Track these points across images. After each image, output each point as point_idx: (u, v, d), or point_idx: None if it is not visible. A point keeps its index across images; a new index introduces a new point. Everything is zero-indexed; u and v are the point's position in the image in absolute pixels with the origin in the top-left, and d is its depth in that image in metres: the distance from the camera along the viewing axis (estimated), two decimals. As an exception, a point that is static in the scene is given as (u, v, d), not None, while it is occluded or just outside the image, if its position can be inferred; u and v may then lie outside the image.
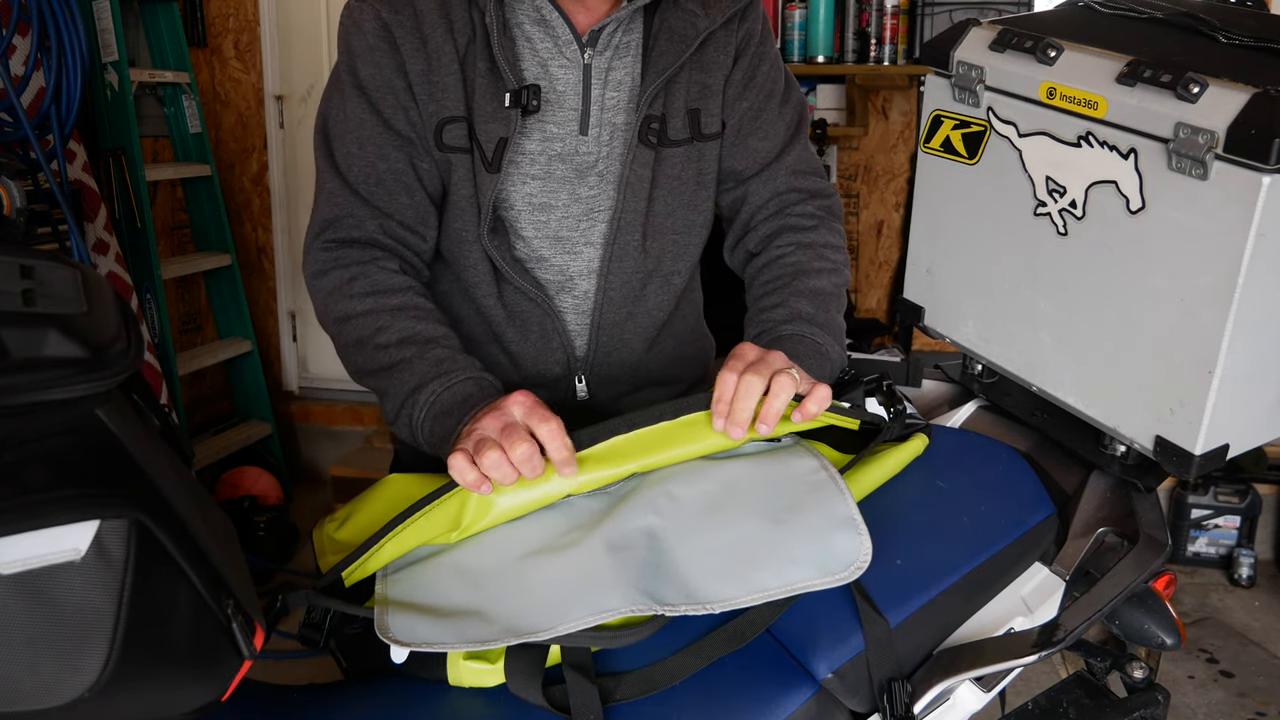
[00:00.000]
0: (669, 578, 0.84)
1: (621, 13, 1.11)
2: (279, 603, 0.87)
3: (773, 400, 0.90)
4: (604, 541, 0.88)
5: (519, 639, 0.79)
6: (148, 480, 0.65)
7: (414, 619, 0.83)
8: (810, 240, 1.19)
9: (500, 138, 1.09)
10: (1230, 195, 0.85)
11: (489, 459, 0.85)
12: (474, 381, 1.01)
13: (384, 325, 1.06)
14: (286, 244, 3.70)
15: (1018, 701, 1.01)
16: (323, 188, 1.12)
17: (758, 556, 0.84)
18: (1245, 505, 3.05)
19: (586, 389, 1.22)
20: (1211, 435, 0.93)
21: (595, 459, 0.92)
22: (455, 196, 1.13)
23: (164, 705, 0.68)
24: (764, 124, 1.21)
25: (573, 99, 1.13)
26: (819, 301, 1.14)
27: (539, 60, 1.12)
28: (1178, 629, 1.03)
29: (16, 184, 2.15)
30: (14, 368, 0.61)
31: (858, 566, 0.82)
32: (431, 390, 1.00)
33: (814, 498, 0.89)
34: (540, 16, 1.11)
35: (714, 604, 0.81)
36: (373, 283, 1.08)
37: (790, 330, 1.09)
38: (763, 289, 1.18)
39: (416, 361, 1.03)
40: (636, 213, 1.16)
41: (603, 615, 0.81)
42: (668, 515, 0.89)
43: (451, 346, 1.06)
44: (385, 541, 0.89)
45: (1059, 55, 1.00)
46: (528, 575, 0.87)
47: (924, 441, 1.05)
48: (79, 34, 2.67)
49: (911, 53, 3.11)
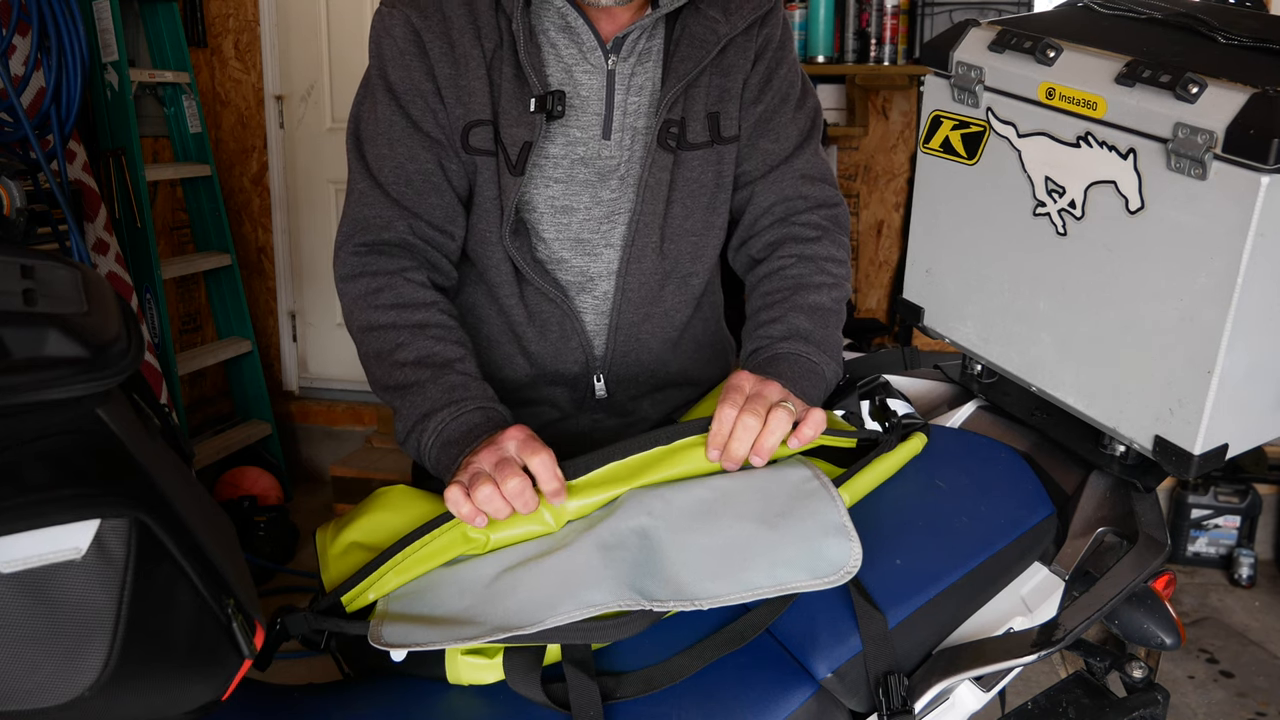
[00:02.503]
0: (659, 575, 0.84)
1: (645, 20, 1.13)
2: (278, 624, 0.88)
3: (767, 437, 0.93)
4: (596, 541, 0.89)
5: (508, 634, 0.80)
6: (148, 480, 0.65)
7: (408, 626, 0.84)
8: (812, 253, 1.20)
9: (525, 141, 1.12)
10: (1229, 195, 0.85)
11: (482, 493, 0.89)
12: (482, 412, 1.03)
13: (404, 342, 1.08)
14: (286, 244, 3.70)
15: (1017, 701, 1.01)
16: (354, 188, 1.15)
17: (749, 557, 0.85)
18: (1245, 505, 3.05)
19: (605, 388, 1.24)
20: (1211, 435, 0.93)
21: (591, 485, 0.94)
22: (480, 198, 1.16)
23: (164, 704, 0.68)
24: (776, 126, 1.22)
25: (596, 104, 1.15)
26: (817, 318, 1.15)
27: (564, 66, 1.14)
28: (1177, 629, 1.03)
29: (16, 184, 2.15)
30: (14, 367, 0.61)
31: (847, 571, 0.83)
32: (440, 419, 1.02)
33: (806, 505, 0.90)
34: (566, 24, 1.13)
35: (703, 600, 0.81)
36: (398, 295, 1.10)
37: (786, 349, 1.11)
38: (762, 300, 1.19)
39: (430, 386, 1.05)
40: (654, 215, 1.17)
41: (590, 610, 0.81)
42: (660, 516, 0.90)
43: (466, 372, 1.08)
44: (387, 570, 0.90)
45: (1058, 56, 1.00)
46: (519, 577, 0.88)
47: (922, 440, 1.06)
48: (79, 34, 2.68)
49: (911, 53, 3.11)
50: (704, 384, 1.31)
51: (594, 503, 0.94)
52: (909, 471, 1.03)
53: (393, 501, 0.99)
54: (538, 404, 1.25)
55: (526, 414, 1.23)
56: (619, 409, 1.26)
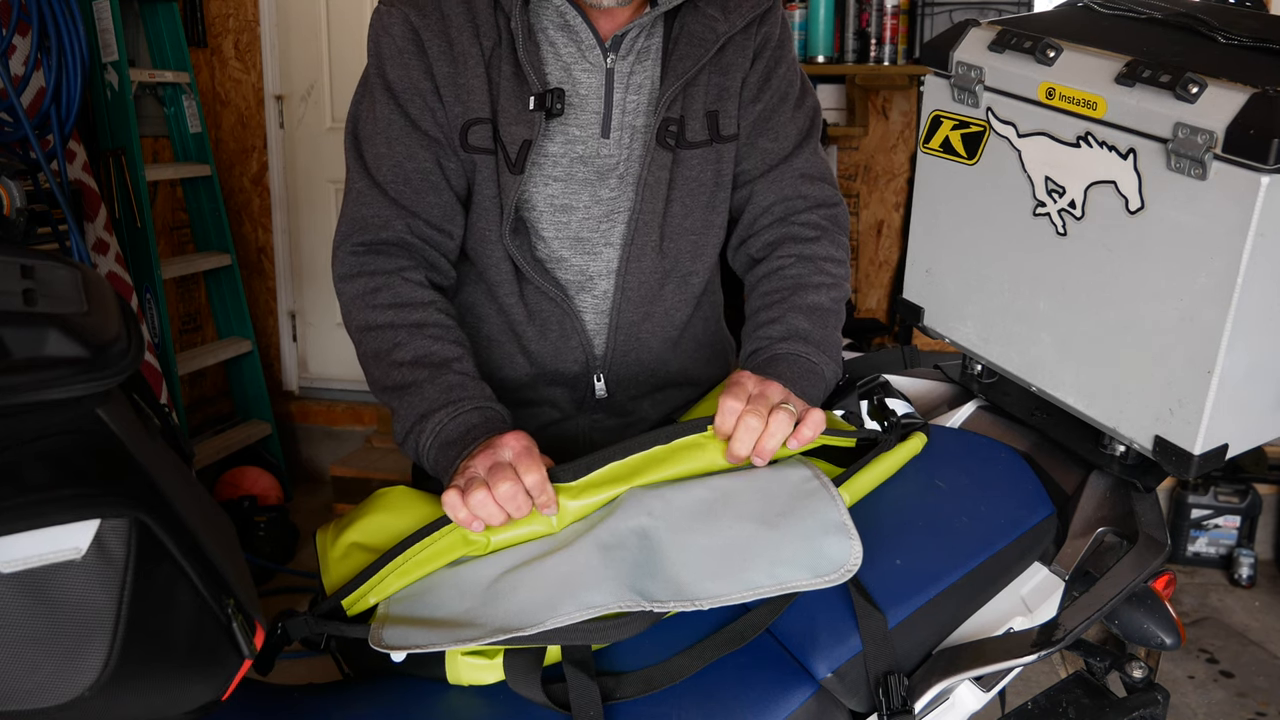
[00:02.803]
0: (659, 575, 0.85)
1: (644, 18, 1.13)
2: (280, 630, 0.88)
3: (768, 439, 0.94)
4: (595, 541, 0.89)
5: (508, 635, 0.80)
6: (148, 480, 0.65)
7: (408, 629, 0.84)
8: (811, 253, 1.20)
9: (524, 140, 1.12)
10: (1229, 195, 0.85)
11: (475, 498, 0.89)
12: (480, 412, 1.03)
13: (401, 341, 1.08)
14: (286, 244, 3.70)
15: (1017, 701, 1.01)
16: (352, 187, 1.15)
17: (749, 557, 0.85)
18: (1245, 505, 3.05)
19: (605, 388, 1.24)
20: (1211, 435, 0.93)
21: (592, 485, 0.94)
22: (479, 197, 1.16)
23: (164, 704, 0.68)
24: (775, 125, 1.22)
25: (595, 103, 1.15)
26: (816, 318, 1.15)
27: (562, 65, 1.14)
28: (1177, 629, 1.03)
29: (16, 184, 2.15)
30: (14, 367, 0.61)
31: (848, 569, 0.83)
32: (438, 420, 1.02)
33: (806, 504, 0.90)
34: (564, 22, 1.13)
35: (704, 600, 0.82)
36: (396, 295, 1.10)
37: (786, 350, 1.11)
38: (761, 301, 1.19)
39: (427, 386, 1.05)
40: (654, 214, 1.17)
41: (590, 611, 0.81)
42: (660, 516, 0.90)
43: (464, 371, 1.07)
44: (387, 573, 0.90)
45: (1058, 55, 1.00)
46: (519, 578, 0.88)
47: (922, 440, 1.06)
48: (79, 34, 2.67)
49: (911, 53, 3.11)
50: (704, 384, 1.31)
51: (594, 503, 0.94)
52: (909, 471, 1.03)
53: (393, 502, 0.99)
54: (537, 404, 1.25)
55: (526, 415, 1.23)
56: (619, 409, 1.26)
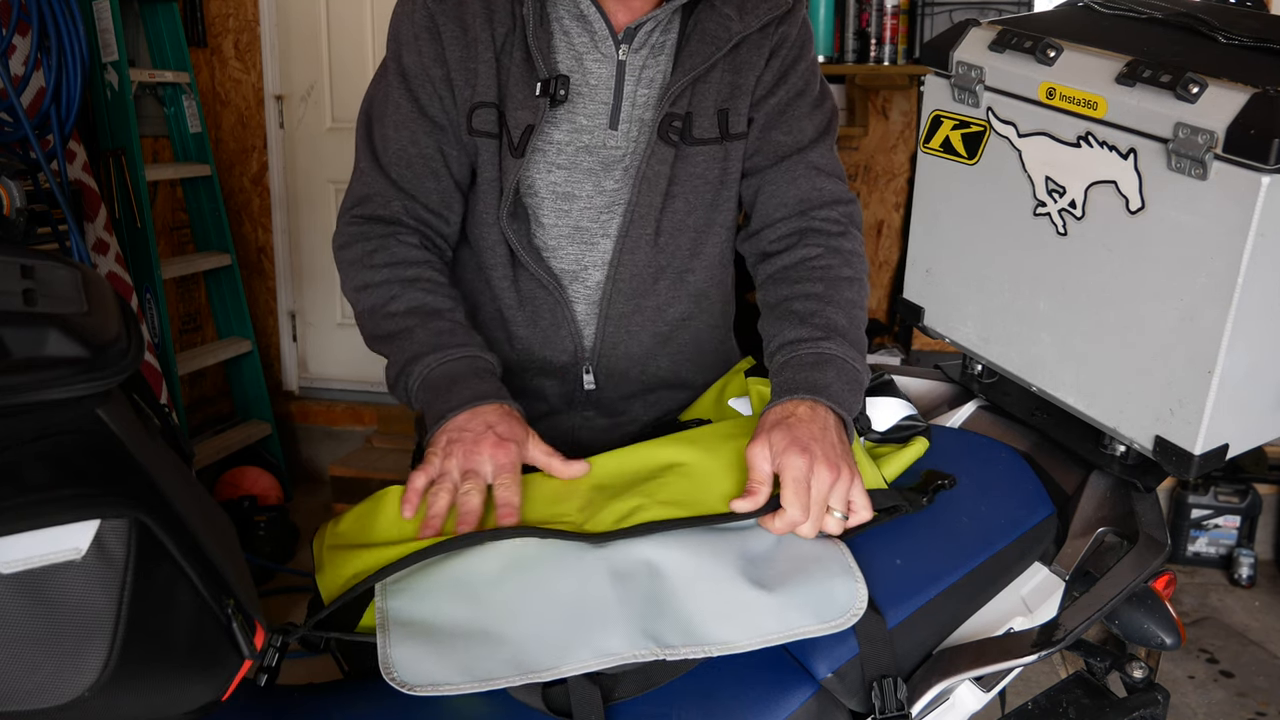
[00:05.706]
0: (671, 614, 0.84)
1: (660, 12, 1.14)
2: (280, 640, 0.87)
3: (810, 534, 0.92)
4: (606, 566, 0.88)
5: (524, 678, 0.80)
6: (148, 480, 0.65)
7: (418, 650, 0.83)
8: (838, 245, 1.18)
9: (527, 124, 1.14)
10: (1230, 195, 0.85)
11: (438, 505, 0.93)
12: (468, 360, 1.07)
13: (396, 295, 1.12)
14: (286, 244, 3.70)
15: (1018, 701, 1.01)
16: (357, 165, 1.20)
17: (759, 599, 0.85)
18: (1245, 505, 3.05)
19: (594, 380, 1.23)
20: (1211, 435, 0.93)
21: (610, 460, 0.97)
22: (480, 179, 1.19)
23: (164, 705, 0.68)
24: (790, 120, 1.20)
25: (604, 93, 1.16)
26: (852, 316, 1.12)
27: (574, 54, 1.16)
28: (1178, 629, 1.03)
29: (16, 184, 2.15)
30: (14, 367, 0.61)
31: (853, 613, 0.85)
32: (426, 363, 1.06)
33: (816, 546, 0.91)
34: (579, 12, 1.15)
35: (714, 646, 0.82)
36: (391, 254, 1.15)
37: (832, 351, 1.06)
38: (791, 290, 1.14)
39: (419, 331, 1.09)
40: (651, 207, 1.17)
41: (605, 660, 0.81)
42: (671, 547, 0.90)
43: (455, 320, 1.12)
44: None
45: (1058, 55, 1.00)
46: (529, 594, 0.87)
47: (924, 445, 1.06)
48: (79, 34, 2.67)
49: (911, 53, 3.10)
50: (697, 388, 1.29)
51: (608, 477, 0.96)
52: (909, 471, 1.03)
53: (392, 502, 0.99)
54: (525, 395, 1.23)
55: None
56: (609, 408, 1.25)
